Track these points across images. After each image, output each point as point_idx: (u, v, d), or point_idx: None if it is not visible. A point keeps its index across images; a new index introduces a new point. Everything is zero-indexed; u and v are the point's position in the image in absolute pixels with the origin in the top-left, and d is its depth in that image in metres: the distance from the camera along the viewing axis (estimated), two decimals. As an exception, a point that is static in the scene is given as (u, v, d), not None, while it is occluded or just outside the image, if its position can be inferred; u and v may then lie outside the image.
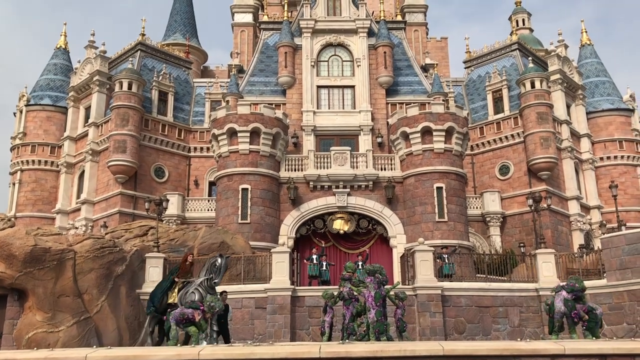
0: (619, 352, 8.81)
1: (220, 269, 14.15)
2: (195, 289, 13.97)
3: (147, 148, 35.11)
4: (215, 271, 14.12)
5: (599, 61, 43.56)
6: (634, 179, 39.73)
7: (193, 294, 13.92)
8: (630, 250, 20.49)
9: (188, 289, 14.10)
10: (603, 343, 9.60)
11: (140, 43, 38.36)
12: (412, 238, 28.51)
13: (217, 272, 14.14)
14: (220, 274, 14.24)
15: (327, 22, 35.46)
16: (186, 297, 13.95)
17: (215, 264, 14.15)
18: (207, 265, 14.23)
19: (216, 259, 14.23)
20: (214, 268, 14.13)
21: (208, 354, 8.72)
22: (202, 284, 14.01)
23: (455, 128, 30.15)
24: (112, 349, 9.58)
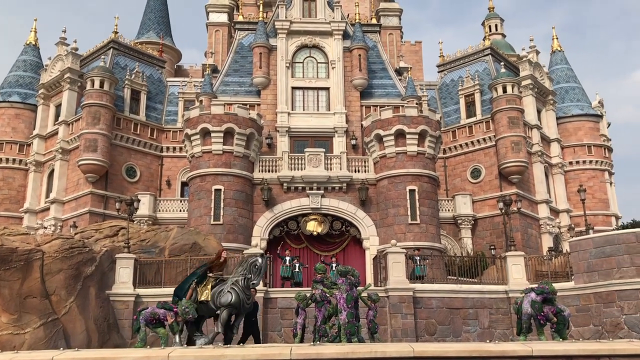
0: (584, 353, 8.98)
1: (261, 270, 13.19)
2: (230, 289, 12.94)
3: (118, 147, 34.65)
4: (255, 271, 13.13)
5: (569, 67, 44.41)
6: (601, 184, 40.56)
7: (229, 294, 12.91)
8: (597, 253, 20.92)
9: (222, 288, 13.11)
10: (569, 344, 9.77)
11: (113, 41, 37.85)
12: (384, 240, 28.66)
13: (257, 273, 13.16)
14: (260, 275, 13.22)
15: (302, 23, 35.48)
16: (220, 297, 12.98)
17: (255, 264, 13.15)
18: (245, 264, 13.25)
19: (257, 259, 13.25)
20: (253, 268, 13.13)
21: (178, 356, 8.63)
22: (237, 283, 13.03)
23: (428, 131, 30.43)
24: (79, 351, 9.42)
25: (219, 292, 13.02)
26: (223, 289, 13.01)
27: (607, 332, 19.97)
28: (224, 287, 13.06)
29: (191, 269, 22.65)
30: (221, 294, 12.94)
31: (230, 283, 13.04)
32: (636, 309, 19.71)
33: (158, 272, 22.76)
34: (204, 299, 13.20)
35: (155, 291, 21.82)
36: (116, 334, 20.80)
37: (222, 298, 12.85)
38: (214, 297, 13.08)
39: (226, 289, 12.93)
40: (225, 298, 12.82)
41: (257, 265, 13.04)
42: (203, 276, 13.63)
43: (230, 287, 12.95)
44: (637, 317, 19.62)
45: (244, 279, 12.99)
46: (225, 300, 12.80)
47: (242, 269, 13.17)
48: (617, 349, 9.11)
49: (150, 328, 15.43)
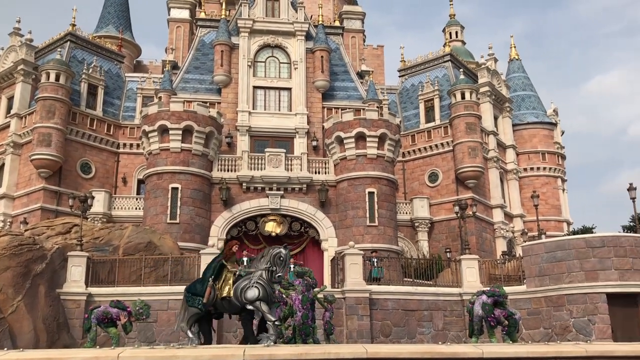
0: (533, 355, 9.19)
1: (285, 262, 12.50)
2: (256, 284, 12.18)
3: (73, 142, 33.80)
4: (279, 263, 12.42)
5: (526, 76, 45.50)
6: (554, 190, 41.66)
7: (255, 289, 12.12)
8: (549, 258, 21.50)
9: (245, 283, 12.29)
10: (519, 347, 9.98)
11: (70, 33, 36.93)
12: (343, 241, 28.77)
13: (282, 265, 12.46)
14: (285, 268, 12.50)
15: (265, 22, 35.34)
16: (246, 293, 12.12)
17: (280, 256, 12.49)
18: (268, 257, 12.55)
19: (280, 251, 12.61)
20: (278, 260, 12.44)
21: (128, 356, 8.45)
22: (262, 277, 12.32)
23: (388, 135, 30.71)
24: (24, 352, 9.12)
25: (243, 288, 12.20)
26: (246, 284, 12.26)
27: (557, 334, 20.53)
28: (247, 282, 12.31)
29: (146, 268, 22.36)
30: (246, 290, 12.17)
31: (255, 277, 12.30)
32: (584, 313, 20.33)
33: (112, 271, 22.34)
34: (226, 295, 12.32)
35: (109, 290, 21.40)
36: (66, 334, 20.28)
37: (249, 293, 12.08)
38: (237, 292, 12.24)
39: (252, 284, 12.19)
40: (252, 293, 12.07)
41: (281, 257, 12.46)
42: (218, 272, 12.68)
43: (255, 282, 12.23)
44: (585, 321, 20.24)
45: (267, 272, 12.36)
46: (252, 295, 12.05)
47: (265, 261, 12.50)
48: (564, 351, 9.36)
49: (102, 327, 15.12)
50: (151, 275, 22.36)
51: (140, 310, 14.85)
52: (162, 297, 21.55)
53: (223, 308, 12.46)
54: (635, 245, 20.89)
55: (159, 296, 21.50)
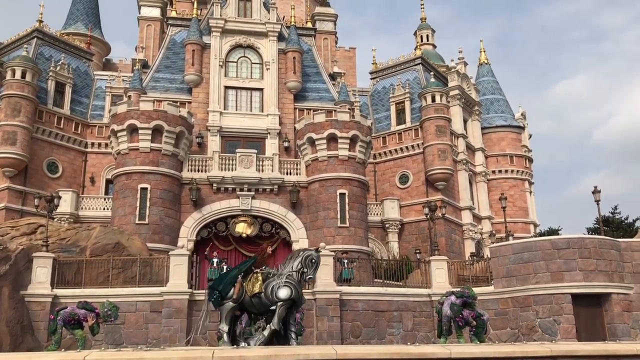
0: (499, 355, 9.34)
1: (317, 264, 12.76)
2: (286, 283, 12.28)
3: (39, 141, 33.12)
4: (310, 265, 12.63)
5: (495, 80, 46.22)
6: (522, 192, 42.40)
7: (287, 289, 12.18)
8: (516, 259, 21.85)
9: (276, 282, 12.35)
10: (486, 347, 10.13)
11: (37, 30, 36.19)
12: (314, 242, 28.77)
13: (314, 267, 12.71)
14: (316, 270, 12.78)
15: (237, 22, 35.16)
16: (277, 292, 12.18)
17: (312, 258, 12.71)
18: (300, 258, 12.72)
19: (312, 253, 12.85)
20: (310, 262, 12.63)
21: (94, 359, 8.32)
22: (292, 277, 12.47)
23: (360, 136, 30.86)
24: (-14, 355, 8.90)
25: (274, 287, 12.31)
26: (277, 283, 12.35)
27: (523, 334, 20.89)
28: (277, 281, 12.41)
29: (114, 270, 22.04)
30: (277, 289, 12.26)
31: (285, 277, 12.42)
32: (550, 313, 20.72)
33: (78, 272, 21.98)
34: (258, 292, 12.36)
35: (75, 292, 21.04)
36: (30, 337, 19.87)
37: (281, 293, 12.15)
38: (267, 291, 12.32)
39: (282, 283, 12.30)
40: (285, 292, 12.15)
41: (313, 259, 12.68)
42: (247, 271, 12.74)
43: (285, 281, 12.34)
44: (551, 321, 20.63)
45: (298, 273, 12.51)
46: (285, 294, 12.13)
47: (296, 263, 12.65)
48: (529, 351, 9.53)
49: (68, 329, 14.84)
50: (119, 277, 22.06)
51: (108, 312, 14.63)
52: (130, 299, 21.29)
53: (251, 306, 12.48)
54: (600, 247, 21.39)
55: (127, 298, 21.24)
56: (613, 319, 20.71)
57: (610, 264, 21.30)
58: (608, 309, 20.95)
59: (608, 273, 21.13)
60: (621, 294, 21.11)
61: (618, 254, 21.75)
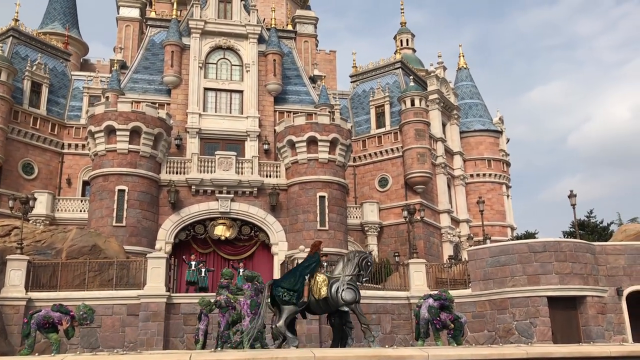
0: (476, 358, 9.42)
1: (371, 267, 13.06)
2: (349, 286, 12.54)
3: (15, 142, 32.58)
4: (365, 268, 12.92)
5: (474, 84, 46.66)
6: (499, 196, 42.82)
7: (352, 291, 12.49)
8: (493, 262, 22.07)
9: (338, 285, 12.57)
10: (463, 349, 10.20)
11: (13, 29, 35.62)
12: (293, 245, 28.76)
13: (368, 270, 13.01)
14: (370, 272, 13.11)
15: (217, 24, 35.01)
16: (344, 295, 12.44)
17: (368, 261, 13.06)
18: (355, 260, 12.97)
19: (367, 255, 13.17)
20: (366, 265, 12.92)
21: (68, 364, 8.20)
22: (352, 280, 12.73)
23: (340, 139, 30.92)
24: (-43, 360, 8.72)
25: (337, 289, 12.52)
26: (338, 285, 12.58)
27: (500, 337, 21.10)
28: (338, 284, 12.63)
29: (90, 273, 21.77)
30: (344, 291, 12.49)
31: (346, 280, 12.66)
32: (526, 316, 20.96)
33: (54, 275, 21.67)
34: (325, 295, 12.54)
35: (50, 295, 20.73)
36: (3, 341, 19.49)
37: (347, 295, 12.42)
38: (332, 294, 12.53)
39: (345, 286, 12.53)
40: (351, 295, 12.45)
41: (369, 262, 12.97)
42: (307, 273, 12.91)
43: (348, 284, 12.58)
44: (527, 323, 20.86)
45: (355, 276, 12.76)
46: (351, 297, 12.45)
47: (353, 265, 12.85)
48: (506, 354, 9.62)
49: (42, 333, 14.58)
50: (96, 280, 21.79)
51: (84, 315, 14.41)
52: (106, 302, 21.06)
53: (318, 308, 12.78)
54: (575, 250, 21.70)
55: (104, 301, 21.00)
56: (588, 322, 21.01)
57: (585, 267, 21.61)
58: (583, 311, 21.25)
59: (583, 276, 21.44)
60: (596, 296, 21.44)
61: (593, 257, 22.09)
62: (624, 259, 22.25)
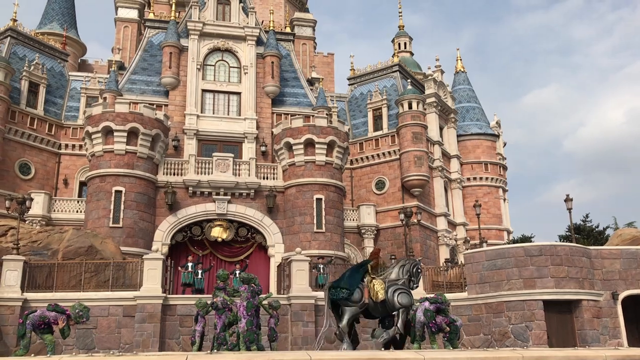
0: (472, 361, 9.45)
1: (420, 273, 13.72)
2: (404, 290, 13.15)
3: (11, 142, 32.53)
4: (417, 274, 13.59)
5: (471, 88, 46.78)
6: (496, 200, 42.92)
7: (406, 295, 13.06)
8: (489, 265, 22.11)
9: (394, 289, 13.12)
10: (459, 353, 10.23)
11: (11, 29, 35.58)
12: (290, 247, 28.79)
13: (418, 276, 13.69)
14: (419, 279, 13.75)
15: (215, 26, 35.05)
16: (400, 298, 12.97)
17: (418, 268, 13.72)
18: (407, 266, 13.59)
19: (418, 262, 13.78)
20: (416, 271, 13.59)
21: (64, 365, 8.20)
22: (405, 284, 13.33)
23: (337, 142, 30.96)
24: (-47, 361, 8.71)
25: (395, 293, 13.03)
26: (394, 289, 13.12)
27: (496, 340, 21.14)
28: (394, 287, 13.17)
29: (86, 273, 21.75)
30: (399, 295, 13.03)
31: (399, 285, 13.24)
32: (522, 319, 21.00)
33: (50, 276, 21.64)
34: (382, 298, 13.03)
35: (46, 296, 20.70)
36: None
37: (404, 299, 12.98)
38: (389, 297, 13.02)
39: (399, 290, 13.10)
40: (407, 299, 13.02)
41: (419, 269, 13.62)
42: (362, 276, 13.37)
43: (402, 288, 13.17)
44: (523, 327, 20.91)
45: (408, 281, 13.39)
46: (408, 301, 13.01)
47: (405, 270, 13.46)
48: (502, 357, 9.65)
49: (37, 334, 14.53)
50: (92, 281, 21.77)
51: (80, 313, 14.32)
52: (103, 303, 21.05)
53: (375, 310, 13.27)
54: (571, 254, 21.76)
55: (100, 302, 20.99)
56: (583, 325, 21.07)
57: (581, 271, 21.68)
58: (579, 315, 21.31)
59: (579, 280, 21.51)
60: (591, 300, 21.50)
61: (589, 261, 22.15)
62: (619, 263, 22.32)
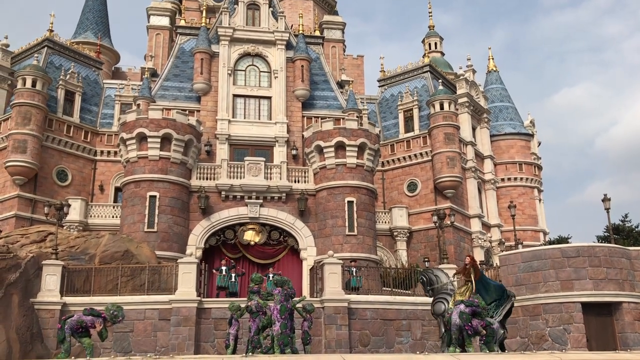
0: (509, 365, 9.27)
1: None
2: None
3: (49, 149, 33.33)
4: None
5: (504, 87, 46.11)
6: (531, 200, 42.16)
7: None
8: (525, 267, 21.71)
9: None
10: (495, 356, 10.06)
11: (48, 39, 36.51)
12: (322, 250, 28.76)
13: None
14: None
15: (245, 31, 35.32)
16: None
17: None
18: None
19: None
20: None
21: (103, 368, 8.33)
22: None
23: (368, 144, 30.84)
24: (-4, 363, 8.92)
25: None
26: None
27: (533, 344, 20.72)
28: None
29: (122, 278, 22.11)
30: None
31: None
32: (560, 322, 20.55)
33: (87, 280, 22.06)
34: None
35: (84, 300, 21.08)
36: (40, 345, 19.94)
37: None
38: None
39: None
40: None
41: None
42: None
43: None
44: (560, 330, 20.46)
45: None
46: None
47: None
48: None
49: (76, 338, 14.77)
50: (128, 285, 22.11)
51: (114, 313, 14.45)
52: (139, 307, 21.32)
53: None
54: (610, 255, 21.21)
55: (136, 305, 21.27)
56: (624, 328, 20.50)
57: (620, 272, 21.12)
58: (619, 318, 20.74)
59: (619, 282, 20.95)
60: (632, 302, 20.90)
61: (629, 262, 21.57)
62: (661, 264, 21.65)
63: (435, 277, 15.20)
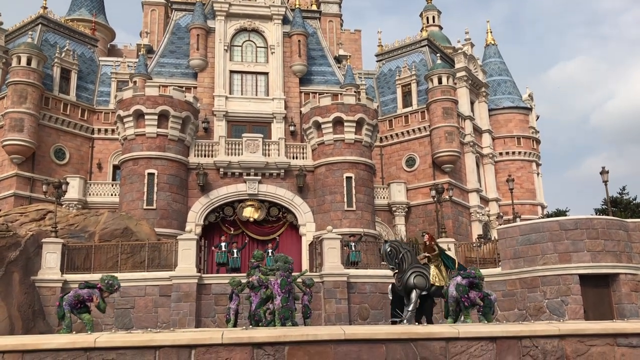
0: (507, 335, 9.35)
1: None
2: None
3: (46, 128, 33.21)
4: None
5: (502, 61, 45.82)
6: (529, 174, 42.22)
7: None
8: (523, 240, 21.82)
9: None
10: (494, 326, 10.14)
11: (42, 16, 36.11)
12: (321, 226, 28.87)
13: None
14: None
15: (241, 6, 34.95)
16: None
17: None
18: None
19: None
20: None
21: (105, 342, 8.40)
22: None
23: (366, 120, 30.75)
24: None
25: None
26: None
27: (531, 315, 20.93)
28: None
29: (122, 255, 22.21)
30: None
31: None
32: (557, 294, 20.73)
33: (87, 258, 22.18)
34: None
35: (85, 277, 21.07)
36: (42, 321, 20.12)
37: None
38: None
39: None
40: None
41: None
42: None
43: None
44: (558, 302, 20.64)
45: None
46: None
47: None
48: (537, 330, 9.53)
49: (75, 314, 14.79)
50: (128, 262, 22.23)
51: (110, 282, 14.34)
52: (139, 284, 21.49)
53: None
54: (607, 228, 21.31)
55: (137, 282, 21.44)
56: (621, 299, 20.69)
57: (618, 244, 21.23)
58: (616, 289, 20.91)
59: (616, 253, 21.08)
60: (629, 274, 21.06)
61: (626, 234, 21.68)
62: (658, 235, 21.77)
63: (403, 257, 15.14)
